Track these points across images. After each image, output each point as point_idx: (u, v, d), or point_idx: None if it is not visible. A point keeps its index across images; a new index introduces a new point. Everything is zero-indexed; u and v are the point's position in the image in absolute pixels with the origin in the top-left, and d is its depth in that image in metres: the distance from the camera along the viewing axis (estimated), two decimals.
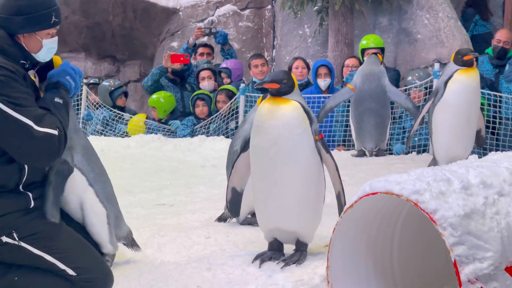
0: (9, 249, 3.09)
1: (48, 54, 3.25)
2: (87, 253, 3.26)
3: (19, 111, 2.94)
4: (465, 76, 5.99)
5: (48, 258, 3.12)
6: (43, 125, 2.97)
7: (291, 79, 3.64)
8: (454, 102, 6.01)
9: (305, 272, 3.56)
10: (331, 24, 9.87)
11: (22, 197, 3.12)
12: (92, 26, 12.61)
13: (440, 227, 2.68)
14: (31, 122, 2.95)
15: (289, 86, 3.62)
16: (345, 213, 3.03)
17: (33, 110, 2.99)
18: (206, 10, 12.16)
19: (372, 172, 6.13)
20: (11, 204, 3.08)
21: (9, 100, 2.93)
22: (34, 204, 3.15)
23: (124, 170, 7.05)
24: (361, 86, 7.48)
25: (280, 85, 3.59)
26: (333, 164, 3.71)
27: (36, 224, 3.13)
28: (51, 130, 3.00)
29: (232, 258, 3.84)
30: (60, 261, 3.13)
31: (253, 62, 8.91)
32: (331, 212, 4.11)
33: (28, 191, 3.14)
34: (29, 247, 3.10)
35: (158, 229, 4.61)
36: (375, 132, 7.51)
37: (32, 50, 3.18)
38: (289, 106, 3.57)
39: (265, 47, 12.02)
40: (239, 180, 3.98)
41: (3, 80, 2.95)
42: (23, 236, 3.08)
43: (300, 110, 3.58)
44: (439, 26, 9.63)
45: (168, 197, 5.82)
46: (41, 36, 3.18)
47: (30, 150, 2.99)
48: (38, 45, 3.19)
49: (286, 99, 3.59)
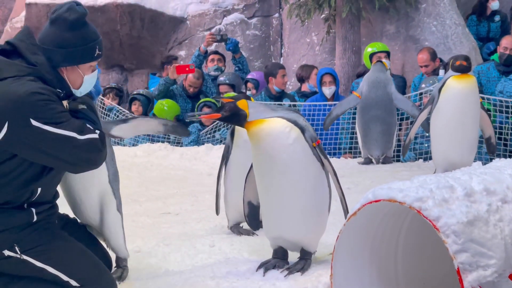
0: (12, 262, 3.08)
1: (88, 87, 3.27)
2: (90, 264, 3.24)
3: (61, 127, 2.98)
4: (457, 82, 6.01)
5: (51, 270, 3.11)
6: (84, 133, 3.03)
7: (234, 109, 3.62)
8: (446, 109, 6.04)
9: (309, 280, 3.55)
10: (338, 32, 9.86)
11: (25, 213, 3.11)
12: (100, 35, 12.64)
13: (443, 235, 2.66)
14: (74, 133, 3.00)
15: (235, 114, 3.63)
16: (348, 221, 3.02)
17: (72, 123, 3.03)
18: (213, 19, 12.17)
19: (378, 180, 6.10)
20: (13, 219, 3.07)
21: (50, 120, 2.97)
22: (38, 219, 3.14)
23: (130, 179, 7.04)
24: (367, 93, 7.46)
25: (222, 115, 3.62)
26: (332, 169, 3.71)
27: (38, 236, 3.12)
28: (92, 135, 3.06)
29: (236, 267, 3.84)
30: (63, 273, 3.12)
31: (281, 72, 8.90)
32: (337, 220, 4.09)
33: (32, 207, 3.13)
34: (31, 260, 3.09)
35: (163, 237, 4.61)
36: (381, 140, 7.49)
37: (73, 84, 3.20)
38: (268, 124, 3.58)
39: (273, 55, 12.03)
40: (253, 193, 3.98)
41: (42, 104, 2.96)
42: (25, 249, 3.08)
43: (283, 123, 3.59)
44: (446, 33, 9.62)
45: (174, 206, 5.82)
46: (83, 70, 3.20)
47: (80, 158, 3.06)
48: (80, 79, 3.21)
49: (262, 119, 3.59)
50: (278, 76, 8.86)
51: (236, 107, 3.60)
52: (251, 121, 3.58)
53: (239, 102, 3.61)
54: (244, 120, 3.60)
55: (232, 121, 3.70)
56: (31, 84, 2.99)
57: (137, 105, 9.62)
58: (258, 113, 3.61)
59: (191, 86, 9.30)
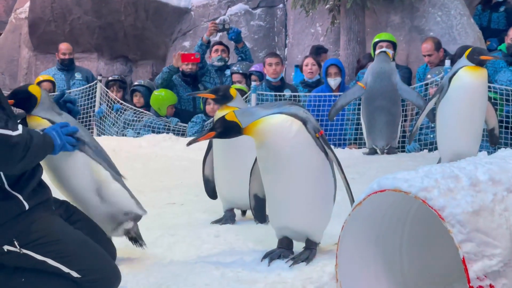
0: (12, 257, 3.08)
1: None
2: (92, 254, 3.22)
3: None
4: (470, 73, 5.95)
5: (51, 262, 3.10)
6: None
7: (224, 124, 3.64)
8: (456, 99, 5.99)
9: (314, 270, 3.55)
10: (343, 23, 9.85)
11: (13, 201, 3.05)
12: (104, 26, 12.65)
13: (449, 224, 2.65)
14: None
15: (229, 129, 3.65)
16: (353, 211, 3.02)
17: None
18: (217, 9, 12.17)
19: (383, 170, 6.09)
20: (4, 211, 3.03)
21: None
22: (30, 206, 3.09)
23: (135, 170, 7.05)
24: (372, 84, 7.45)
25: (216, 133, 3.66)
26: (336, 160, 3.71)
27: (36, 228, 3.10)
28: (2, 130, 2.86)
29: (241, 257, 3.84)
30: (64, 265, 3.11)
31: (268, 61, 8.82)
32: (342, 210, 4.08)
33: (16, 191, 3.07)
34: (31, 254, 3.08)
35: (168, 228, 4.62)
36: (386, 130, 7.48)
37: None
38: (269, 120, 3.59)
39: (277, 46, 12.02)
40: (259, 187, 3.98)
41: None
42: (24, 243, 3.06)
43: (282, 118, 3.59)
44: (451, 24, 9.60)
45: (179, 196, 5.83)
46: None
47: None
48: None
49: (258, 120, 3.59)
50: (266, 64, 8.83)
51: (225, 121, 3.61)
52: (247, 126, 3.59)
53: (227, 115, 3.63)
54: (240, 129, 3.61)
55: (229, 134, 3.69)
56: None
57: (138, 96, 9.63)
58: (249, 116, 3.62)
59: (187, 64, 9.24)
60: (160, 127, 9.08)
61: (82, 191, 3.64)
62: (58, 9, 12.74)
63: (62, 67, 10.39)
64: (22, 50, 13.62)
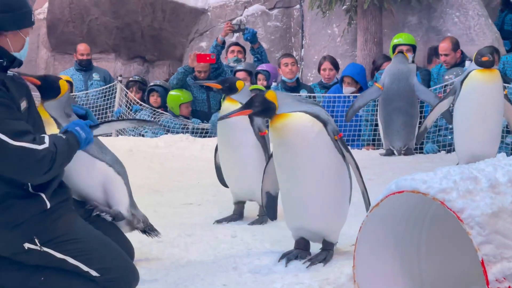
0: (33, 255, 3.09)
1: (25, 51, 3.20)
2: (110, 253, 3.23)
3: None
4: (480, 75, 5.96)
5: (71, 261, 3.12)
6: (20, 139, 2.89)
7: (264, 102, 3.62)
8: (467, 102, 6.00)
9: (331, 271, 3.55)
10: (360, 23, 9.82)
11: (36, 200, 3.07)
12: (121, 27, 12.68)
13: (467, 226, 2.64)
14: (5, 137, 2.87)
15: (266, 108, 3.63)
16: (371, 212, 3.01)
17: (10, 123, 2.90)
18: (234, 10, 12.17)
19: (400, 171, 6.07)
20: (27, 209, 3.05)
21: None
22: (51, 205, 3.11)
23: (152, 170, 7.08)
24: (389, 85, 7.43)
25: (254, 110, 3.63)
26: (354, 162, 3.70)
27: (57, 227, 3.12)
28: (30, 144, 2.91)
29: (258, 257, 3.85)
30: (83, 263, 3.12)
31: (283, 61, 8.85)
32: (358, 211, 4.08)
33: (39, 191, 3.09)
34: (52, 252, 3.10)
35: (185, 228, 4.63)
36: (403, 131, 7.46)
37: (15, 48, 3.12)
38: (292, 119, 3.58)
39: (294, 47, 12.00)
40: (271, 184, 3.99)
41: None
42: (45, 241, 3.08)
43: (305, 117, 3.58)
44: (469, 24, 9.54)
45: (196, 197, 5.84)
46: (25, 34, 3.15)
47: (7, 165, 2.92)
48: (21, 43, 3.14)
49: (286, 114, 3.59)
50: (281, 65, 8.84)
51: (266, 100, 3.58)
52: (279, 114, 3.58)
53: (268, 94, 3.60)
54: (273, 113, 3.59)
55: (263, 114, 3.68)
56: None
57: (155, 96, 9.63)
58: (285, 105, 3.60)
59: (200, 71, 9.23)
60: (176, 127, 9.08)
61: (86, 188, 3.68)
62: (76, 9, 12.79)
63: (80, 67, 10.42)
64: (40, 50, 13.69)
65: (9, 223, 3.02)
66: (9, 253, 3.11)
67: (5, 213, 3.01)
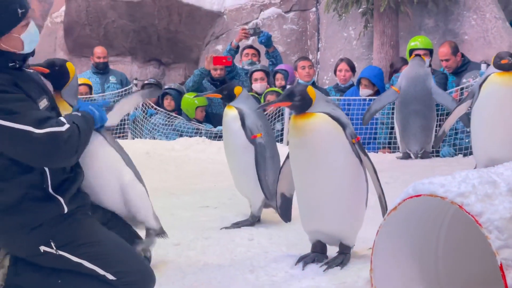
0: (49, 258, 3.11)
1: (32, 44, 3.13)
2: (126, 256, 3.24)
3: (14, 120, 2.87)
4: (499, 79, 5.91)
5: (87, 264, 3.12)
6: (44, 126, 2.91)
7: (305, 96, 3.61)
8: (486, 105, 5.96)
9: (349, 275, 3.54)
10: (376, 26, 9.79)
11: (54, 203, 3.09)
12: (138, 30, 12.73)
13: (486, 230, 2.63)
14: (29, 127, 2.88)
15: (304, 103, 3.61)
16: (388, 216, 3.00)
17: (29, 115, 2.92)
18: (250, 13, 12.18)
19: (417, 175, 6.05)
20: (44, 212, 3.07)
21: (5, 113, 2.86)
22: (68, 209, 3.12)
23: (168, 173, 7.09)
24: (406, 88, 7.40)
25: (293, 103, 3.59)
26: (371, 166, 3.69)
27: (73, 231, 3.13)
28: (54, 128, 2.94)
29: (275, 261, 3.85)
30: (100, 267, 3.13)
31: (300, 64, 8.86)
32: (375, 214, 4.07)
33: (58, 194, 3.11)
34: (67, 255, 3.10)
35: (201, 231, 4.64)
36: (420, 135, 7.43)
37: (16, 48, 3.06)
38: (315, 119, 3.58)
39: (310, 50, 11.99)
40: (286, 186, 3.99)
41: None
42: (61, 244, 3.09)
43: (327, 119, 3.58)
44: (486, 27, 9.49)
45: (212, 199, 5.84)
46: (18, 32, 3.05)
47: (37, 153, 2.93)
48: (18, 42, 3.07)
49: (311, 113, 3.58)
50: (298, 68, 8.84)
51: (306, 95, 3.58)
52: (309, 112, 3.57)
53: (309, 90, 3.59)
54: (308, 108, 3.58)
55: (301, 108, 3.63)
56: None
57: (169, 99, 9.63)
58: (317, 104, 3.60)
59: (216, 69, 9.23)
60: (189, 131, 9.10)
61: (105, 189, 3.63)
62: (93, 13, 12.85)
63: (96, 70, 10.47)
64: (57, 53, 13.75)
65: (26, 226, 3.04)
66: (25, 255, 3.13)
67: (22, 216, 3.03)
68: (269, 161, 4.76)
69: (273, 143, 4.90)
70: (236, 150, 4.82)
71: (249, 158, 4.72)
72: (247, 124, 4.71)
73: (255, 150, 4.69)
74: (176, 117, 9.44)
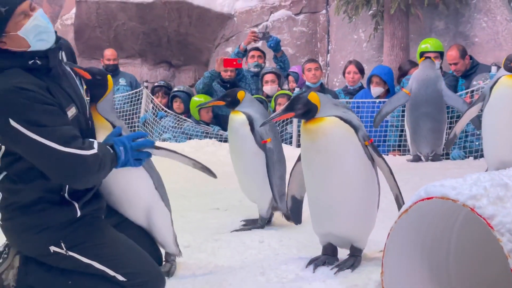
0: (58, 258, 3.12)
1: (40, 36, 3.02)
2: (137, 258, 3.25)
3: (40, 133, 2.88)
4: (509, 81, 5.89)
5: (97, 266, 3.14)
6: (69, 145, 2.92)
7: (307, 104, 3.60)
8: (496, 107, 5.94)
9: (359, 278, 3.53)
10: (386, 28, 9.79)
11: (68, 208, 3.12)
12: (148, 32, 12.77)
13: (498, 233, 2.62)
14: (54, 144, 2.89)
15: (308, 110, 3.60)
16: (399, 218, 2.99)
17: (56, 130, 2.92)
18: (260, 15, 12.20)
19: (428, 177, 6.04)
20: (57, 215, 3.09)
21: (31, 123, 2.86)
22: (81, 214, 3.15)
23: (178, 175, 7.08)
24: (417, 90, 7.39)
25: (296, 113, 3.60)
26: (387, 167, 3.68)
27: (83, 232, 3.15)
28: (78, 151, 2.94)
29: (285, 263, 3.83)
30: (110, 268, 3.14)
31: (307, 66, 8.88)
32: (386, 217, 4.07)
33: (74, 199, 3.13)
34: (77, 256, 3.12)
35: (212, 233, 4.64)
36: (431, 137, 7.42)
37: (22, 47, 2.99)
38: (326, 123, 3.57)
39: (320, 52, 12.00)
40: (297, 188, 3.99)
41: (25, 103, 2.86)
42: (71, 245, 3.11)
43: (339, 123, 3.57)
44: (497, 29, 9.48)
45: (222, 202, 5.85)
46: (14, 30, 2.95)
47: (58, 170, 2.95)
48: (20, 40, 2.97)
49: (321, 117, 3.58)
50: (305, 70, 8.87)
51: (308, 103, 3.57)
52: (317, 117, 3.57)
53: (311, 96, 3.59)
54: (314, 114, 3.58)
55: (306, 116, 3.62)
56: (15, 77, 2.90)
57: (178, 102, 9.64)
58: (324, 109, 3.59)
59: (226, 70, 9.23)
60: (198, 134, 9.10)
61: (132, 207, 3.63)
62: (103, 15, 12.90)
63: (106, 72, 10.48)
64: None
65: (37, 226, 3.07)
66: (35, 254, 3.15)
67: (35, 216, 3.06)
68: (276, 165, 4.76)
69: (280, 147, 4.88)
70: (245, 155, 4.80)
71: (258, 163, 4.71)
72: (257, 129, 4.70)
73: (266, 155, 4.68)
74: (185, 120, 9.45)
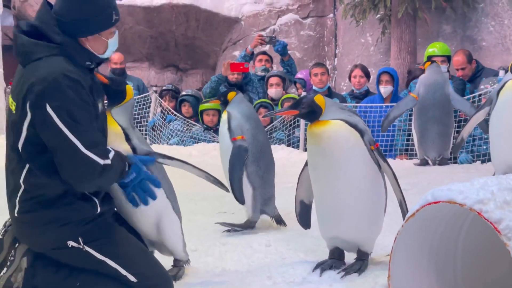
0: (74, 253, 3.14)
1: (111, 51, 3.29)
2: (148, 260, 3.30)
3: (72, 129, 2.95)
4: None
5: (111, 263, 3.16)
6: (91, 149, 2.99)
7: (312, 105, 3.62)
8: (504, 111, 5.92)
9: (366, 282, 3.53)
10: (394, 32, 9.79)
11: (89, 204, 3.16)
12: (155, 36, 12.79)
13: (505, 237, 2.62)
14: (79, 143, 2.96)
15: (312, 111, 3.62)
16: (406, 222, 2.99)
17: (89, 133, 3.01)
18: (268, 19, 12.21)
19: (435, 181, 6.03)
20: (81, 210, 3.13)
21: (66, 115, 2.94)
22: (101, 210, 3.19)
23: (185, 178, 7.05)
24: (424, 94, 7.38)
25: (300, 112, 3.62)
26: (391, 172, 3.68)
27: (100, 229, 3.19)
28: (96, 157, 3.01)
29: (292, 267, 3.84)
30: (122, 267, 3.17)
31: (314, 71, 8.88)
32: (393, 221, 4.07)
33: (95, 196, 3.19)
34: (93, 252, 3.15)
35: (219, 237, 4.65)
36: (438, 141, 7.41)
37: (98, 51, 3.21)
38: (331, 127, 3.58)
39: (327, 56, 12.01)
40: (305, 193, 4.00)
41: (68, 94, 2.96)
42: (88, 241, 3.14)
43: (344, 126, 3.58)
44: (504, 33, 9.47)
45: (229, 205, 5.84)
46: (106, 36, 3.21)
47: (71, 169, 3.00)
48: (104, 45, 3.22)
49: (326, 120, 3.59)
50: (311, 75, 8.88)
51: (314, 103, 3.60)
52: (322, 120, 3.58)
53: (317, 98, 3.61)
54: (318, 116, 3.59)
55: (309, 117, 3.67)
56: (62, 65, 3.01)
57: (186, 106, 9.62)
58: (330, 112, 3.60)
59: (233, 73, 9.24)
60: (206, 139, 9.11)
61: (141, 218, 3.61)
62: None
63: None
64: None
65: (60, 220, 3.10)
66: (49, 248, 3.16)
67: (60, 210, 3.10)
68: (253, 165, 4.75)
69: (264, 149, 4.86)
70: (223, 152, 4.87)
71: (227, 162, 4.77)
72: (231, 126, 4.75)
73: (232, 151, 4.70)
74: (194, 124, 9.45)
